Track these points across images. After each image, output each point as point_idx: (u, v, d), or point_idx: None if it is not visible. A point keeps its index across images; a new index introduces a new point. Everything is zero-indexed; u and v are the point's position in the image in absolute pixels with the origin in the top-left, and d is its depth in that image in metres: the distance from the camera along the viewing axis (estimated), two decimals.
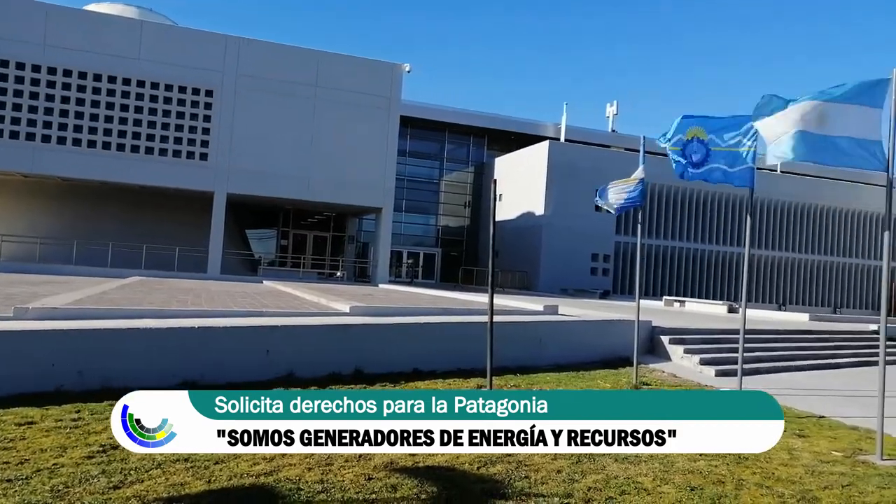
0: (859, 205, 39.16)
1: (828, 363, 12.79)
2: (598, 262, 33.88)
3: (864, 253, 40.12)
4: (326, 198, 27.66)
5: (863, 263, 40.22)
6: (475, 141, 41.11)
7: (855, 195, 38.94)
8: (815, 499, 4.78)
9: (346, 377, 8.52)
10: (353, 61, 28.02)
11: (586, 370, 10.32)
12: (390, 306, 12.07)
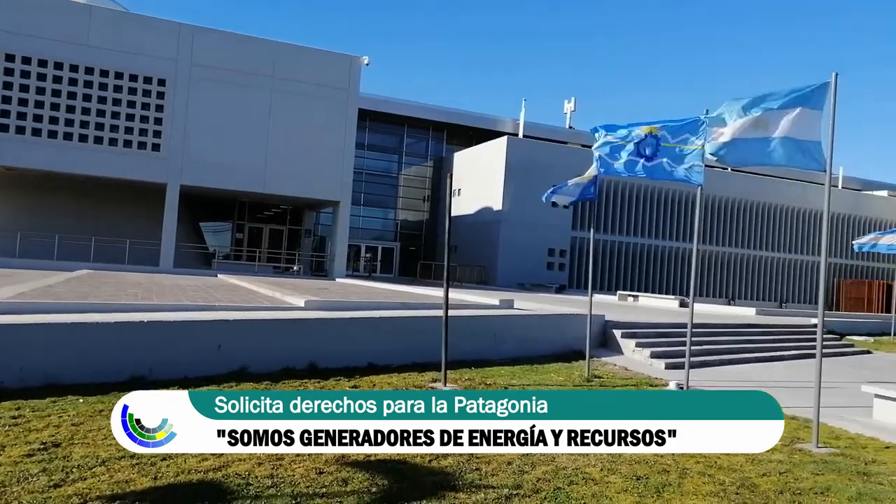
0: (806, 203, 40.52)
1: (772, 356, 13.25)
2: (555, 257, 34.28)
3: (809, 250, 41.57)
4: (283, 190, 27.30)
5: (808, 260, 41.66)
6: (434, 135, 41.08)
7: (802, 194, 40.27)
8: (754, 485, 4.96)
9: (300, 371, 8.47)
10: (311, 53, 27.68)
11: (540, 363, 10.46)
12: (346, 300, 12.02)
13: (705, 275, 38.51)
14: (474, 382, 8.56)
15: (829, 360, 13.87)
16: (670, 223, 37.12)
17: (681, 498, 4.63)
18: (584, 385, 9.00)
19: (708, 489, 4.83)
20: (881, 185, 49.44)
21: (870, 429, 7.20)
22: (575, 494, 4.56)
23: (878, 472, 5.48)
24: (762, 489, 4.89)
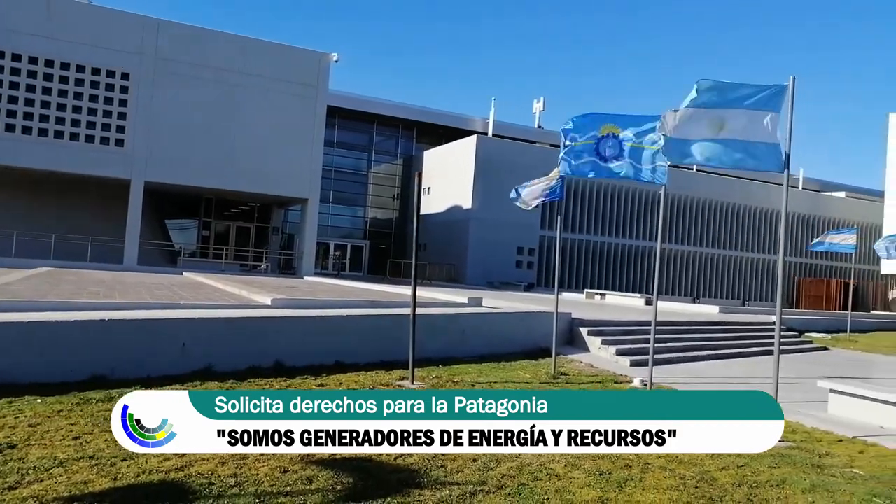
0: (769, 203, 41.45)
1: (734, 352, 13.54)
2: (524, 255, 34.52)
3: (771, 249, 42.54)
4: (250, 187, 26.97)
5: (770, 259, 42.63)
6: (404, 133, 40.99)
7: (765, 194, 41.18)
8: (713, 479, 5.08)
9: (266, 370, 8.39)
10: (279, 49, 27.40)
11: (508, 361, 10.53)
12: (314, 299, 11.95)
13: (671, 273, 39.16)
14: (441, 380, 8.58)
15: (788, 356, 14.22)
16: (637, 222, 37.65)
17: (642, 492, 4.71)
18: (550, 382, 9.09)
19: (668, 483, 4.92)
20: (839, 186, 50.84)
21: (825, 423, 7.41)
22: (539, 490, 4.61)
23: (831, 465, 5.65)
24: (721, 482, 5.01)
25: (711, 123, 6.40)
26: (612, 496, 4.59)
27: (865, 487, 5.02)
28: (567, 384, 9.07)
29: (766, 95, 6.49)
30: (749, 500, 4.69)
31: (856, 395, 7.77)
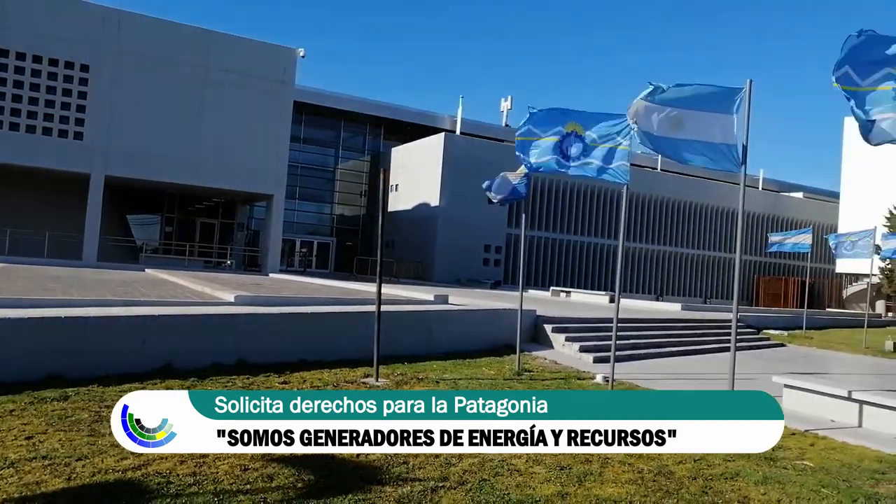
0: (730, 203, 42.36)
1: (695, 349, 13.80)
2: (491, 253, 34.69)
3: (732, 247, 43.48)
4: (215, 183, 26.59)
5: (731, 257, 43.57)
6: (372, 130, 40.83)
7: (726, 194, 42.06)
8: (670, 472, 5.19)
9: (228, 367, 8.29)
10: (246, 43, 27.04)
11: (473, 358, 10.58)
12: (278, 296, 11.84)
13: (635, 271, 39.74)
14: (406, 377, 8.60)
15: (746, 352, 14.57)
16: (603, 221, 38.13)
17: (601, 486, 4.79)
18: (514, 379, 9.16)
19: (627, 477, 5.01)
20: (797, 187, 52.21)
21: None
22: (500, 486, 4.66)
23: (783, 458, 5.81)
24: (678, 475, 5.12)
25: (670, 121, 6.53)
26: (572, 490, 4.66)
27: (815, 479, 5.19)
28: (531, 380, 9.15)
29: (723, 98, 6.65)
30: (704, 492, 4.81)
31: (808, 389, 8.00)
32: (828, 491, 4.96)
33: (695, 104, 6.57)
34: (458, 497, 4.41)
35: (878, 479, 5.37)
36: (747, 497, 4.75)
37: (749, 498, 4.74)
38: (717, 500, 4.67)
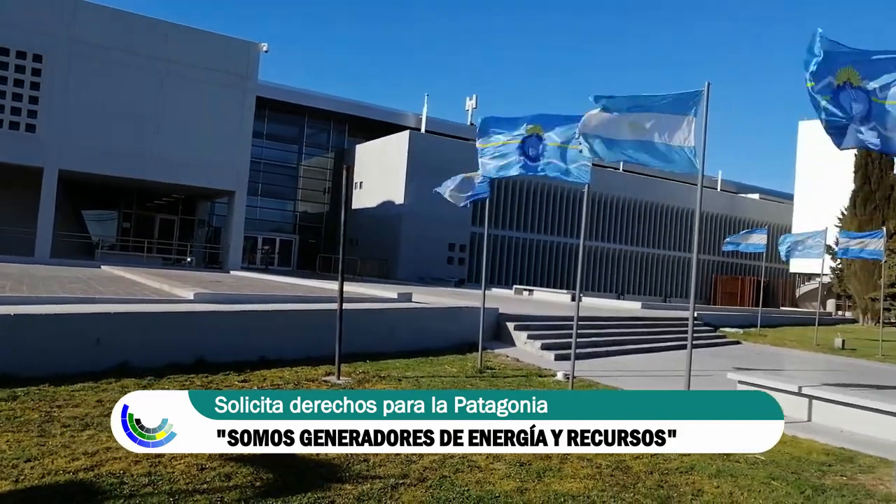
0: (690, 203, 43.19)
1: (654, 346, 14.07)
2: (455, 251, 34.77)
3: (691, 247, 44.42)
4: (174, 179, 26.06)
5: (691, 257, 44.51)
6: (336, 127, 40.53)
7: (686, 195, 42.90)
8: (628, 467, 5.28)
9: (187, 366, 8.15)
10: (207, 36, 26.56)
11: (436, 356, 10.60)
12: (238, 293, 11.68)
13: (597, 270, 40.27)
14: (368, 375, 8.57)
15: (704, 350, 14.91)
16: (565, 220, 38.53)
17: (560, 481, 4.85)
18: (476, 376, 9.20)
19: (586, 472, 5.09)
20: (754, 188, 53.57)
21: None
22: (459, 482, 4.68)
23: (735, 452, 5.96)
24: (634, 470, 5.22)
25: (629, 126, 6.64)
26: (531, 486, 4.71)
27: (765, 471, 5.34)
28: (493, 378, 9.21)
29: (682, 100, 6.78)
30: (660, 486, 4.91)
31: (761, 386, 8.22)
32: (778, 483, 5.11)
33: (653, 107, 6.68)
34: (418, 494, 4.41)
35: (824, 471, 5.55)
36: (701, 490, 4.87)
37: (703, 491, 4.85)
38: (672, 493, 4.77)
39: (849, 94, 5.09)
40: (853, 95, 5.09)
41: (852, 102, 5.10)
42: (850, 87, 5.10)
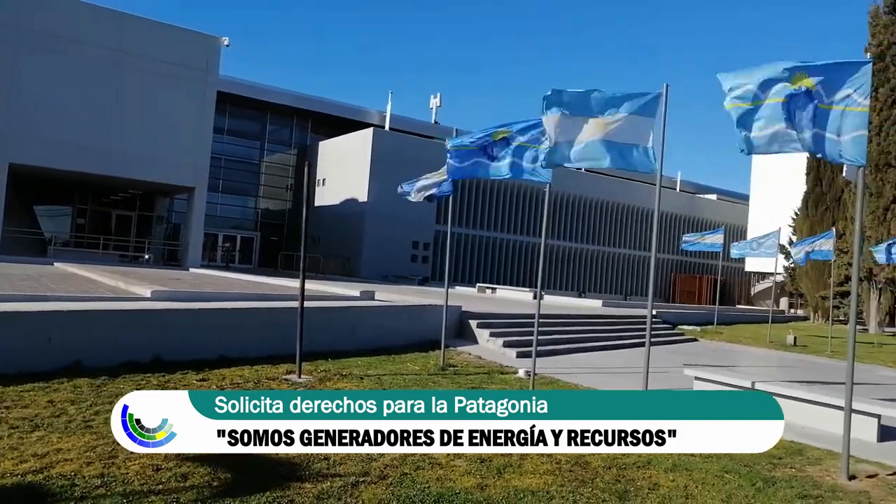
0: (649, 203, 43.95)
1: (614, 344, 14.28)
2: (419, 249, 34.73)
3: (651, 246, 45.26)
4: (132, 174, 25.43)
5: (650, 256, 45.34)
6: (299, 123, 40.09)
7: (645, 194, 43.64)
8: (586, 463, 5.35)
9: (143, 365, 7.99)
10: (166, 29, 25.98)
11: (398, 354, 10.59)
12: (197, 291, 11.49)
13: (559, 269, 40.70)
14: (330, 373, 8.52)
15: (662, 347, 15.22)
16: (528, 219, 38.83)
17: (520, 477, 4.90)
18: (438, 374, 9.22)
19: (545, 468, 5.14)
20: (712, 189, 54.79)
21: None
22: (420, 479, 4.69)
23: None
24: (593, 465, 5.29)
25: (588, 128, 6.73)
26: (492, 482, 4.74)
27: (719, 465, 5.48)
28: (455, 375, 9.24)
29: (641, 101, 6.89)
30: (617, 480, 4.99)
31: (715, 381, 8.43)
32: (731, 476, 5.24)
33: (611, 109, 6.78)
34: (379, 491, 4.41)
35: (775, 463, 5.72)
36: (657, 484, 4.97)
37: (658, 484, 4.95)
38: (630, 487, 4.86)
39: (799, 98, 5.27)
40: (801, 101, 5.27)
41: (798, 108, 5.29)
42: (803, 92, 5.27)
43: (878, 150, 27.53)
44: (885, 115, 27.53)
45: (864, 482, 5.42)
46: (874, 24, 28.41)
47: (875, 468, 5.82)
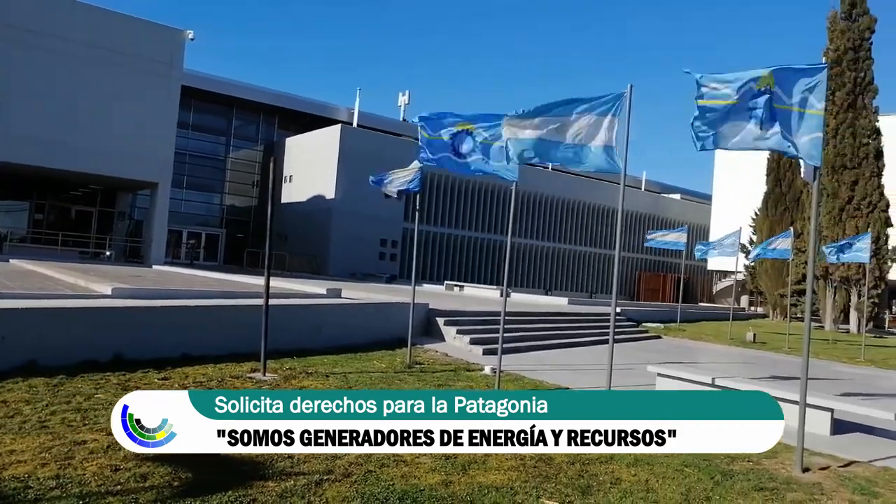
0: (615, 202, 44.55)
1: (579, 341, 14.45)
2: (387, 247, 34.63)
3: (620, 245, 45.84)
4: (92, 168, 24.80)
5: (615, 254, 45.94)
6: (266, 119, 39.60)
7: (611, 193, 44.16)
8: (550, 458, 5.40)
9: (103, 364, 7.82)
10: (131, 21, 25.40)
11: (364, 352, 10.55)
12: (160, 288, 11.29)
13: (526, 266, 40.98)
14: (295, 371, 8.45)
15: (626, 344, 15.44)
16: (496, 217, 39.01)
17: (484, 473, 4.93)
18: (405, 372, 9.22)
19: (510, 464, 5.18)
20: (676, 189, 55.75)
21: None
22: (385, 476, 4.69)
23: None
24: (556, 461, 5.35)
25: (552, 128, 6.79)
26: (456, 479, 4.76)
27: (679, 459, 5.58)
28: (421, 373, 9.24)
29: (606, 102, 6.98)
30: (580, 475, 5.06)
31: (677, 377, 8.59)
32: (690, 470, 5.35)
33: (576, 110, 6.85)
34: (343, 489, 4.39)
35: (733, 457, 5.84)
36: (619, 478, 5.05)
37: (620, 479, 5.04)
38: (592, 482, 4.93)
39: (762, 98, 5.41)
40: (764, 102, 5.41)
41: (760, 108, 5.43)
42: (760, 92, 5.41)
43: (835, 152, 28.35)
44: (841, 118, 28.35)
45: (818, 474, 5.59)
46: (832, 29, 29.22)
47: (828, 461, 6.01)
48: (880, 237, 27.66)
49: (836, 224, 28.30)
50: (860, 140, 28.18)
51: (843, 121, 28.34)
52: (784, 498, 4.93)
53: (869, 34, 28.71)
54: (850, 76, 28.47)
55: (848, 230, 27.01)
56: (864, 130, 28.25)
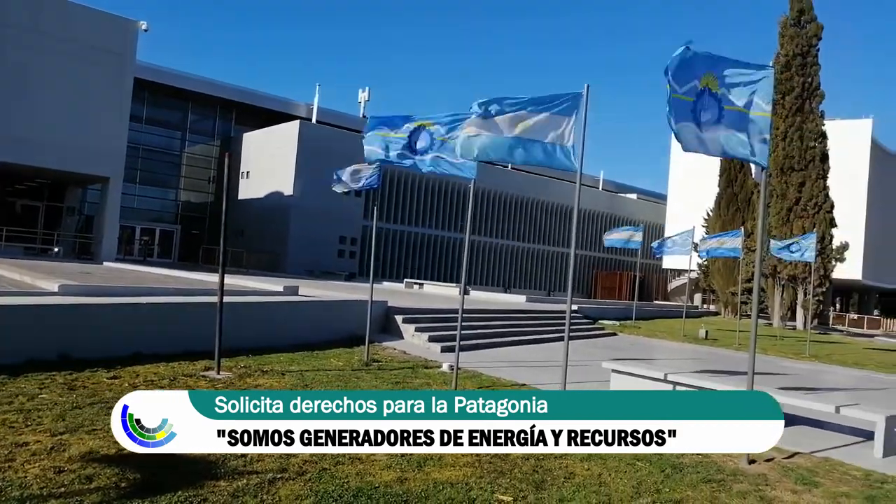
0: (572, 201, 45.13)
1: (537, 338, 14.57)
2: (346, 244, 34.39)
3: (577, 244, 46.43)
4: (39, 162, 23.96)
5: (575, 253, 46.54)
6: (223, 114, 38.88)
7: (570, 192, 44.72)
8: (506, 455, 5.43)
9: (49, 363, 7.57)
10: (81, 11, 24.63)
11: (322, 349, 10.45)
12: (110, 286, 10.99)
13: (486, 264, 41.20)
14: (251, 369, 8.33)
15: (582, 341, 15.65)
16: (455, 215, 39.12)
17: (440, 470, 4.94)
18: (363, 369, 9.17)
19: (465, 460, 5.20)
20: (632, 188, 56.77)
21: None
22: (340, 474, 4.65)
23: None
24: (512, 457, 5.39)
25: (509, 125, 6.83)
26: (412, 475, 4.76)
27: (631, 453, 5.69)
28: (379, 370, 9.21)
29: (562, 101, 7.05)
30: (535, 470, 5.11)
31: (631, 373, 8.75)
32: (641, 464, 5.46)
33: (533, 108, 6.91)
34: (297, 487, 4.35)
35: None
36: (573, 473, 5.12)
37: (574, 473, 5.11)
38: (546, 477, 4.99)
39: (705, 99, 5.50)
40: (707, 102, 5.50)
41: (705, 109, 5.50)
42: (708, 92, 5.51)
43: (784, 154, 29.26)
44: (790, 121, 29.27)
45: (763, 466, 5.77)
46: (783, 34, 30.13)
47: (773, 453, 6.18)
48: (825, 237, 28.68)
49: (783, 224, 29.21)
50: (807, 143, 29.15)
51: (792, 124, 29.26)
52: (731, 489, 5.07)
53: (816, 41, 29.71)
54: (799, 81, 29.42)
55: (795, 230, 27.91)
56: (811, 134, 29.24)
